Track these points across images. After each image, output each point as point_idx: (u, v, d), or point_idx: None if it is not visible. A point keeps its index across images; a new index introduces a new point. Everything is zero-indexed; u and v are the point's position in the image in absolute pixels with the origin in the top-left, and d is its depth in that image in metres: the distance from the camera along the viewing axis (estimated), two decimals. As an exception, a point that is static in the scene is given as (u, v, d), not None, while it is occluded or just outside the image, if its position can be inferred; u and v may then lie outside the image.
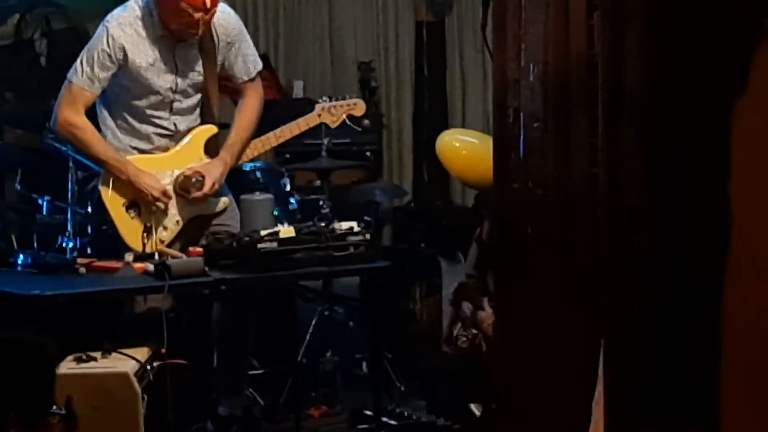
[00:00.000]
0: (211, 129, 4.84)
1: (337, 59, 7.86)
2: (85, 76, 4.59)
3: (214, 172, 4.71)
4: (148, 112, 4.70)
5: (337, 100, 5.09)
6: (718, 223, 1.41)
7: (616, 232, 1.54)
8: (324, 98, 5.11)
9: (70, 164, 5.38)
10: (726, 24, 1.49)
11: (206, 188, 4.67)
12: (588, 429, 2.82)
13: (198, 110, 4.85)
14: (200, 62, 4.78)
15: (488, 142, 6.06)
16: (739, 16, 1.48)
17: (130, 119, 4.70)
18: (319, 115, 5.00)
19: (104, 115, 4.74)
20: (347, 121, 5.07)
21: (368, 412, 5.25)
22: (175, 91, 4.72)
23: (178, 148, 4.76)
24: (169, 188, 4.68)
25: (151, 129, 4.72)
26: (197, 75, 4.77)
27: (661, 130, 1.48)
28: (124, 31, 4.60)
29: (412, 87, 7.91)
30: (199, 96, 4.82)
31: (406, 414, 5.34)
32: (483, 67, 7.76)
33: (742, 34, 1.47)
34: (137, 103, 4.68)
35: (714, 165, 1.42)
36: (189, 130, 4.80)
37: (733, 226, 1.41)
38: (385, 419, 5.07)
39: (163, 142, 4.76)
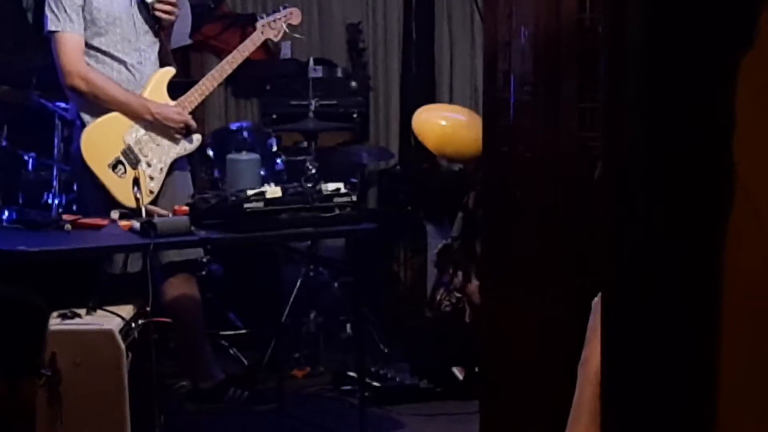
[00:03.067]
0: (169, 71, 4.81)
1: (325, 20, 7.81)
2: (63, 20, 4.59)
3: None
4: (114, 53, 4.67)
5: (273, 13, 5.12)
6: (722, 179, 1.41)
7: (616, 189, 1.53)
8: (261, 15, 5.15)
9: (56, 121, 5.36)
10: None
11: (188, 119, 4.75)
12: (573, 392, 2.84)
13: (157, 53, 4.83)
14: None
15: (466, 114, 6.09)
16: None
17: (97, 65, 4.66)
18: (262, 33, 5.01)
19: None
20: (287, 30, 5.08)
21: (351, 374, 5.27)
22: (135, 24, 4.71)
23: (145, 94, 4.73)
24: (154, 135, 4.69)
25: (116, 75, 4.68)
26: (148, 8, 4.77)
27: (664, 85, 1.47)
28: None
29: (399, 49, 7.87)
30: (156, 39, 4.81)
31: (389, 376, 5.36)
32: (471, 30, 7.73)
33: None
34: (102, 40, 4.65)
35: (718, 120, 1.42)
36: (150, 76, 4.77)
37: (737, 182, 1.41)
38: (368, 381, 5.08)
39: (131, 86, 4.73)
